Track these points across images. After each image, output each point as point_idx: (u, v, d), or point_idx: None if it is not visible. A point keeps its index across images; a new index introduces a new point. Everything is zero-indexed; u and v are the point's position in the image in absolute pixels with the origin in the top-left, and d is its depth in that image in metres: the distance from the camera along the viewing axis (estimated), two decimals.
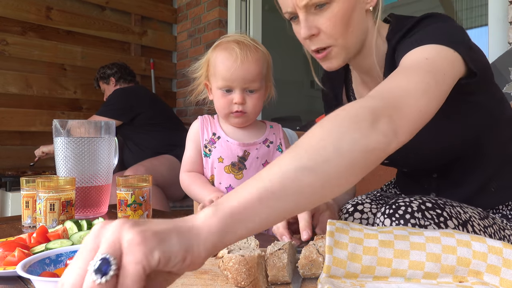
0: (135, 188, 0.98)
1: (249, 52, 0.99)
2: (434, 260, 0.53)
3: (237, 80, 0.99)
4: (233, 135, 1.07)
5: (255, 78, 1.00)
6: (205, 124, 1.10)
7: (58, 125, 1.18)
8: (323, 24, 0.76)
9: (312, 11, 0.76)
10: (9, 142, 2.75)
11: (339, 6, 0.74)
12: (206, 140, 1.08)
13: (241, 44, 1.00)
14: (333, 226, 0.58)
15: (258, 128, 1.11)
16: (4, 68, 2.70)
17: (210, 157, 1.07)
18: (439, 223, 0.69)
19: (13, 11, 2.73)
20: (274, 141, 1.10)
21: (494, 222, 0.79)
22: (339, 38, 0.77)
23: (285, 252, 0.55)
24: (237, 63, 0.97)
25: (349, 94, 1.00)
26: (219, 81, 1.01)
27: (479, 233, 0.73)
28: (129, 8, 3.32)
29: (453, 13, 2.42)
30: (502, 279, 0.53)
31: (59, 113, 2.95)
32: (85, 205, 1.19)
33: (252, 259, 0.54)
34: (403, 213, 0.70)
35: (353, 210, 0.89)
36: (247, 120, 1.06)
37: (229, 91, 1.01)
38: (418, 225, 0.69)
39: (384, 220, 0.72)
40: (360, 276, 0.55)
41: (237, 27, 3.18)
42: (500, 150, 0.87)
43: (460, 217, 0.72)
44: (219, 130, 1.08)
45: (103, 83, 2.75)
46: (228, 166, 1.05)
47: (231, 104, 1.01)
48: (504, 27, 1.84)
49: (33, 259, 0.58)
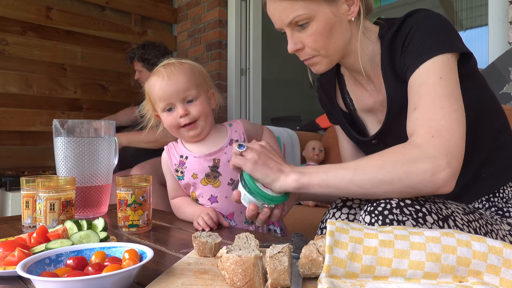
0: (135, 188, 0.98)
1: (173, 67, 1.06)
2: (434, 260, 0.53)
3: (172, 94, 1.04)
4: (198, 150, 1.11)
5: (187, 87, 1.05)
6: (171, 151, 1.15)
7: (58, 125, 1.18)
8: (305, 40, 0.87)
9: (296, 28, 0.87)
10: (9, 142, 2.75)
11: (317, 24, 0.84)
12: (176, 165, 1.12)
13: (166, 65, 1.08)
14: (333, 226, 0.58)
15: (220, 133, 1.14)
16: (4, 68, 2.70)
17: (184, 178, 1.11)
18: (418, 219, 0.71)
19: (13, 11, 2.73)
20: (238, 138, 1.13)
21: (481, 217, 0.81)
22: (321, 50, 0.88)
23: (285, 255, 0.54)
24: (165, 80, 1.04)
25: (344, 95, 1.04)
26: (159, 103, 1.07)
27: (462, 228, 0.75)
28: (129, 8, 3.32)
29: (453, 13, 2.42)
30: (502, 279, 0.53)
31: (59, 113, 2.95)
32: (85, 205, 1.19)
33: (248, 260, 0.54)
34: (382, 210, 0.72)
35: (342, 205, 0.91)
36: (201, 130, 1.09)
37: (171, 109, 1.07)
38: (396, 221, 0.70)
39: (364, 217, 0.74)
40: (360, 276, 0.55)
41: (237, 27, 3.18)
42: (493, 138, 0.90)
43: (440, 213, 0.74)
44: (184, 151, 1.12)
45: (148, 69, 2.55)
46: (203, 178, 1.09)
47: (178, 119, 1.06)
48: (504, 27, 1.84)
49: (33, 259, 0.58)
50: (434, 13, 0.83)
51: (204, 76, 1.12)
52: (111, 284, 0.53)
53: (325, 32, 0.85)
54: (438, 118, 0.73)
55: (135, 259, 0.59)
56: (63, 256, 0.63)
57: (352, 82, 1.01)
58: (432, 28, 0.79)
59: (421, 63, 0.78)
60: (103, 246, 0.66)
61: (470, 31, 2.22)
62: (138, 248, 0.63)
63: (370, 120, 1.00)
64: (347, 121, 1.03)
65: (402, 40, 0.83)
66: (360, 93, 0.99)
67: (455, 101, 0.74)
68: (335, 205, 0.93)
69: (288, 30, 0.87)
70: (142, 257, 0.61)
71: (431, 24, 0.80)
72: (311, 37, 0.86)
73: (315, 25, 0.84)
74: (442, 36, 0.78)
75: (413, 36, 0.80)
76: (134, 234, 0.96)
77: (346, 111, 1.04)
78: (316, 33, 0.85)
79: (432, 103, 0.74)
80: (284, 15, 0.85)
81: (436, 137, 0.71)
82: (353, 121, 1.03)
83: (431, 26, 0.80)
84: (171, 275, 0.60)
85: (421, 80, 0.77)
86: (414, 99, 0.77)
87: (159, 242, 0.88)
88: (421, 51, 0.78)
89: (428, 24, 0.80)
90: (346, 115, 1.04)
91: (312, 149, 2.25)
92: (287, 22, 0.86)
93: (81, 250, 0.65)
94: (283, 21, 0.86)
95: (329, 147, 2.30)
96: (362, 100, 0.99)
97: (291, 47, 0.88)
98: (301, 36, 0.87)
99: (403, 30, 0.83)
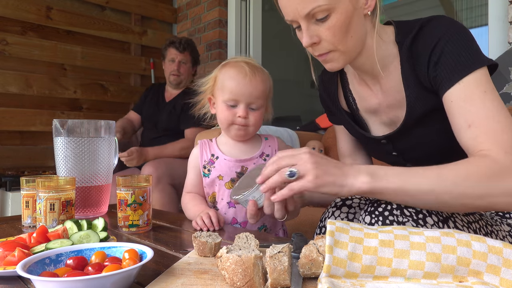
0: (135, 188, 0.98)
1: (256, 71, 1.07)
2: (434, 260, 0.53)
3: (244, 95, 1.06)
4: (230, 153, 1.13)
5: (260, 95, 1.07)
6: (204, 147, 1.16)
7: (58, 125, 1.18)
8: (323, 33, 0.81)
9: (313, 21, 0.80)
10: (9, 142, 2.75)
11: (337, 17, 0.79)
12: (205, 161, 1.13)
13: (250, 64, 1.09)
14: (333, 226, 0.58)
15: (254, 143, 1.16)
16: (4, 68, 2.70)
17: (209, 176, 1.12)
18: (418, 220, 0.71)
19: (13, 11, 2.73)
20: (270, 153, 1.14)
21: (481, 218, 0.81)
22: (339, 45, 0.82)
23: (285, 255, 0.54)
24: (246, 79, 1.05)
25: (347, 94, 1.02)
26: (226, 94, 1.07)
27: (462, 229, 0.76)
28: (129, 8, 3.32)
29: (453, 13, 2.42)
30: (502, 279, 0.53)
31: (59, 113, 2.95)
32: (85, 205, 1.19)
33: (248, 260, 0.54)
34: (382, 210, 0.72)
35: (341, 205, 0.91)
36: (247, 134, 1.11)
37: (234, 106, 1.07)
38: (396, 222, 0.71)
39: (364, 217, 0.75)
40: (360, 275, 0.55)
41: (237, 27, 3.18)
42: None
43: (441, 214, 0.74)
44: (217, 151, 1.14)
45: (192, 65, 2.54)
46: (228, 182, 1.11)
47: (235, 117, 1.07)
48: (504, 27, 1.84)
49: (33, 259, 0.58)
50: (459, 24, 0.81)
51: (271, 89, 1.14)
52: (111, 284, 0.53)
53: (344, 26, 0.79)
54: (500, 133, 0.71)
55: (135, 259, 0.59)
56: (63, 256, 0.63)
57: (356, 81, 0.99)
58: (464, 42, 0.78)
59: (460, 78, 0.76)
60: (103, 246, 0.66)
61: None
62: (138, 248, 0.63)
63: (373, 121, 0.99)
64: (350, 119, 1.02)
65: (429, 50, 0.80)
66: (364, 92, 0.97)
67: (506, 114, 0.73)
68: (334, 204, 0.93)
69: (304, 23, 0.81)
70: (142, 257, 0.61)
71: (462, 37, 0.78)
72: (329, 30, 0.79)
73: (335, 18, 0.79)
74: (475, 50, 0.77)
75: (445, 48, 0.78)
76: (134, 234, 0.96)
77: (348, 110, 1.03)
78: (335, 26, 0.79)
79: (488, 119, 0.72)
80: (301, 6, 0.78)
81: (509, 153, 0.69)
82: (355, 121, 1.02)
83: (463, 39, 0.78)
84: (171, 275, 0.60)
85: (464, 96, 0.75)
86: (462, 115, 0.75)
87: (159, 242, 0.88)
88: (458, 65, 0.76)
89: (459, 37, 0.78)
90: (348, 114, 1.02)
91: (312, 149, 2.25)
92: (305, 13, 0.79)
93: (81, 250, 0.65)
94: (300, 12, 0.79)
95: (329, 147, 2.30)
96: (366, 100, 0.97)
97: (307, 41, 0.81)
98: (318, 29, 0.80)
99: (429, 39, 0.80)
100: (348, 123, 1.03)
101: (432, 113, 0.83)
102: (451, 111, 0.77)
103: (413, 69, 0.84)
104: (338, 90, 1.05)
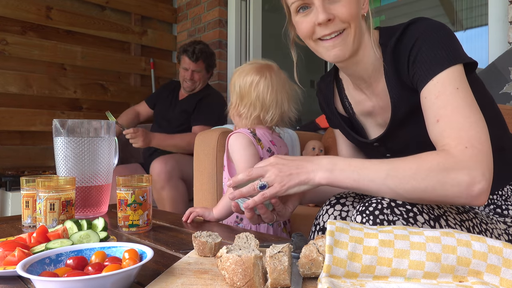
0: (135, 188, 0.98)
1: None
2: (434, 260, 0.53)
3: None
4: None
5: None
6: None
7: (58, 125, 1.18)
8: (339, 10, 0.83)
9: (327, 1, 0.83)
10: (9, 142, 2.74)
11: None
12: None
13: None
14: (333, 226, 0.58)
15: None
16: (4, 68, 2.70)
17: None
18: (408, 218, 0.72)
19: (13, 11, 2.73)
20: None
21: (475, 216, 0.82)
22: (352, 22, 0.84)
23: (285, 254, 0.54)
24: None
25: (343, 100, 1.05)
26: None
27: (454, 227, 0.76)
28: (129, 8, 3.32)
29: (453, 13, 2.42)
30: (502, 279, 0.53)
31: (59, 113, 2.94)
32: (85, 205, 1.19)
33: (248, 260, 0.54)
34: (373, 210, 0.73)
35: (335, 202, 0.92)
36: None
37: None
38: (386, 221, 0.71)
39: (356, 217, 0.75)
40: (360, 275, 0.55)
41: (237, 27, 3.18)
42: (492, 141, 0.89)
43: (432, 212, 0.75)
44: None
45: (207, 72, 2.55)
46: None
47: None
48: (504, 27, 1.84)
49: (33, 259, 0.58)
50: (438, 23, 0.83)
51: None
52: (111, 284, 0.53)
53: (357, 4, 0.84)
54: (466, 128, 0.72)
55: (135, 259, 0.59)
56: (63, 256, 0.63)
57: (352, 86, 1.01)
58: (440, 39, 0.80)
59: (434, 75, 0.78)
60: (103, 246, 0.66)
61: (470, 31, 2.21)
62: (138, 248, 0.63)
63: (370, 123, 1.01)
64: (346, 124, 1.04)
65: (407, 50, 0.82)
66: (359, 97, 1.00)
67: (476, 111, 0.74)
68: (328, 201, 0.94)
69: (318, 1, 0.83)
70: (142, 257, 0.61)
71: (438, 35, 0.80)
72: (345, 7, 0.83)
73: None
74: (452, 47, 0.79)
75: (422, 47, 0.80)
76: (134, 234, 0.96)
77: (345, 115, 1.05)
78: (351, 2, 0.83)
79: (455, 114, 0.74)
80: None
81: (469, 148, 0.71)
82: (352, 125, 1.04)
83: (440, 37, 0.80)
84: (171, 275, 0.60)
85: (437, 92, 0.77)
86: (433, 110, 0.77)
87: (159, 242, 0.88)
88: (433, 63, 0.78)
89: (436, 35, 0.80)
90: (345, 119, 1.05)
91: (312, 149, 2.25)
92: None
93: (81, 250, 0.65)
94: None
95: (329, 147, 2.30)
96: (361, 104, 0.99)
97: (323, 16, 0.82)
98: (333, 7, 0.83)
99: (408, 40, 0.83)
100: (343, 128, 1.05)
101: (417, 112, 0.85)
102: (424, 107, 0.79)
103: (395, 69, 0.86)
104: (334, 96, 1.07)
